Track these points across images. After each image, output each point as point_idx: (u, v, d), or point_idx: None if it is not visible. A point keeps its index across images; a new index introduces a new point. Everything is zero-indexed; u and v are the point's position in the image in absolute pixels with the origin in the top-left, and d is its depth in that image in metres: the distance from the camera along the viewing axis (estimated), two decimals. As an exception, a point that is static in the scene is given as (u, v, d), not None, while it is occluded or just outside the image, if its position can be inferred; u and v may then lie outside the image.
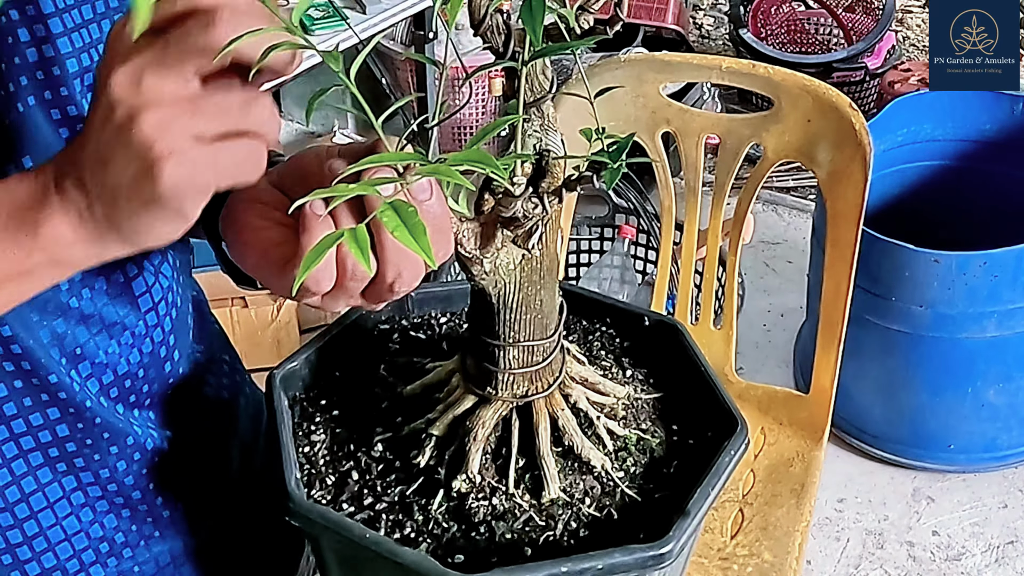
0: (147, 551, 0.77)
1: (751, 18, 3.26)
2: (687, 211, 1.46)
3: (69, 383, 0.67)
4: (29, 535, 0.70)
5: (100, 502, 0.73)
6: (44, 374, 0.65)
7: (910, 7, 3.92)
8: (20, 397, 0.65)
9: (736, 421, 0.68)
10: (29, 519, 0.69)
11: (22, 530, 0.69)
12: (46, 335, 0.66)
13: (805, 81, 1.34)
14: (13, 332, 0.63)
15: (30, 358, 0.64)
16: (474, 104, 2.93)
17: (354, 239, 0.47)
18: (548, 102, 0.60)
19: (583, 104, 0.61)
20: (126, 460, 0.72)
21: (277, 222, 0.58)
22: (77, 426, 0.68)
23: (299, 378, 0.74)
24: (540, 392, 0.68)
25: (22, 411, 0.66)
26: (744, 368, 2.25)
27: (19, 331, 0.63)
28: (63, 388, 0.66)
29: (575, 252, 2.39)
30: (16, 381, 0.65)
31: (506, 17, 0.57)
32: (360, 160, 0.50)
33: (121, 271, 0.70)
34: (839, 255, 1.35)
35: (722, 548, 1.23)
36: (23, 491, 0.68)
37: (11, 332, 0.63)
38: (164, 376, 0.75)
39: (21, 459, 0.67)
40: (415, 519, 0.65)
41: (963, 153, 2.17)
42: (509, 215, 0.60)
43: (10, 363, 0.64)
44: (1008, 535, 1.97)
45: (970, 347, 1.94)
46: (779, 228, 2.82)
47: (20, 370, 0.64)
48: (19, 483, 0.68)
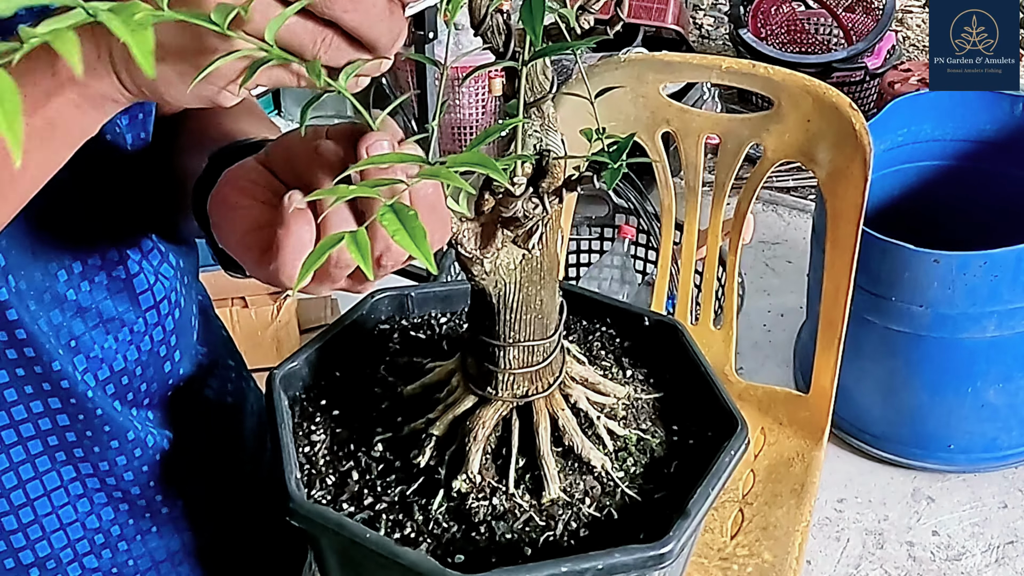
0: (143, 546, 0.77)
1: (751, 18, 3.27)
2: (687, 211, 1.46)
3: (71, 372, 0.67)
4: (24, 522, 0.70)
5: (98, 494, 0.73)
6: (47, 361, 0.65)
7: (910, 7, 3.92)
8: (22, 384, 0.65)
9: (736, 421, 0.69)
10: (25, 506, 0.69)
11: (17, 517, 0.69)
12: (44, 324, 0.65)
13: (805, 81, 1.34)
14: (19, 316, 0.62)
15: (34, 344, 0.64)
16: (474, 104, 2.93)
17: (354, 242, 0.46)
18: (548, 102, 0.60)
19: (583, 104, 0.61)
20: (126, 455, 0.72)
21: (262, 202, 0.56)
22: (78, 417, 0.68)
23: (299, 378, 0.74)
24: (540, 392, 0.68)
25: (23, 398, 0.66)
26: (744, 368, 2.25)
27: (24, 316, 0.63)
28: (65, 377, 0.66)
29: (575, 252, 2.39)
30: (18, 369, 0.65)
31: (506, 17, 0.57)
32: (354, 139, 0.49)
33: (122, 267, 0.69)
34: (839, 255, 1.35)
35: (722, 548, 1.23)
36: (20, 478, 0.68)
37: (17, 316, 0.62)
38: (164, 376, 0.75)
39: (20, 446, 0.67)
40: (415, 519, 0.65)
41: (963, 153, 2.17)
42: (509, 215, 0.60)
43: (13, 350, 0.64)
44: (1008, 535, 1.97)
45: (970, 347, 1.94)
46: (779, 228, 2.82)
47: (23, 357, 0.64)
48: (16, 470, 0.68)
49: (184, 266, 0.76)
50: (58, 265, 0.66)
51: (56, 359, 0.65)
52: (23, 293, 0.63)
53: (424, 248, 0.45)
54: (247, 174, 0.58)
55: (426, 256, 0.45)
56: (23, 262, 0.64)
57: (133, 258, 0.70)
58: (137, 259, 0.71)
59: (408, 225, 0.46)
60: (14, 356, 0.64)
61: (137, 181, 0.71)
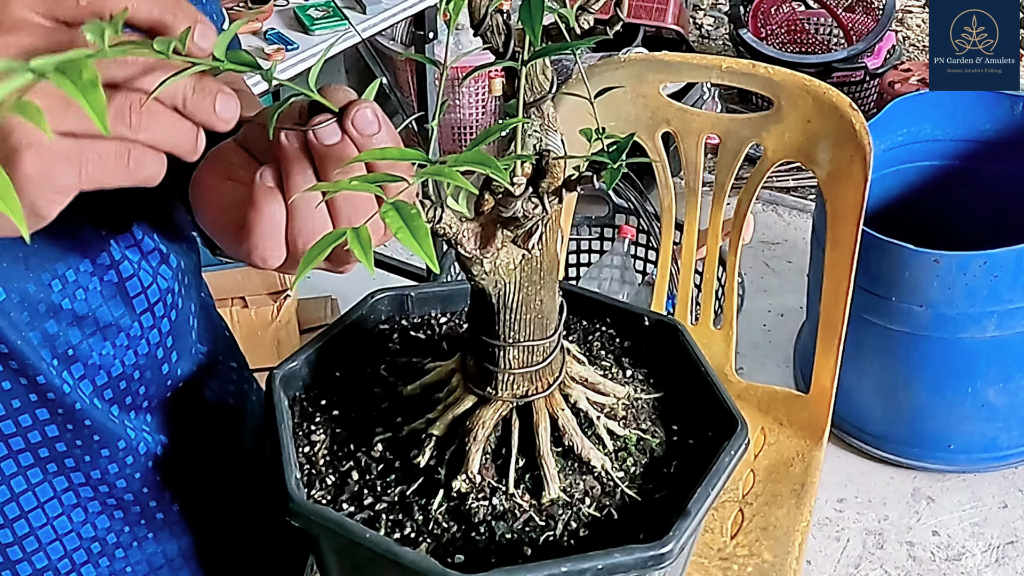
0: (140, 552, 0.76)
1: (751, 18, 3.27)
2: (687, 211, 1.46)
3: (59, 384, 0.66)
4: (20, 535, 0.69)
5: (92, 503, 0.72)
6: (32, 374, 0.64)
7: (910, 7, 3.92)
8: (9, 398, 0.65)
9: (736, 421, 0.68)
10: (19, 519, 0.69)
11: (12, 530, 0.69)
12: (37, 336, 0.65)
13: (805, 81, 1.34)
14: (1, 330, 0.62)
15: (18, 358, 0.63)
16: (474, 104, 2.93)
17: (356, 239, 0.46)
18: (548, 102, 0.60)
19: (583, 104, 0.61)
20: (118, 463, 0.72)
21: (239, 182, 0.56)
22: (67, 427, 0.68)
23: (299, 378, 0.74)
24: (540, 392, 0.68)
25: (10, 412, 0.65)
26: (744, 368, 2.25)
27: (7, 331, 0.62)
28: (52, 389, 0.66)
29: (575, 252, 2.39)
30: (4, 382, 0.64)
31: (506, 17, 0.57)
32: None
33: (114, 271, 0.69)
34: (839, 255, 1.35)
35: (722, 548, 1.23)
36: (13, 491, 0.68)
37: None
38: (162, 378, 0.75)
39: (11, 459, 0.67)
40: (415, 519, 0.65)
41: (963, 153, 2.17)
42: (509, 215, 0.59)
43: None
44: (1008, 535, 1.97)
45: (970, 347, 1.94)
46: (779, 228, 2.82)
47: (8, 370, 0.64)
48: (8, 483, 0.67)
49: (184, 266, 0.76)
50: (51, 275, 0.65)
51: (43, 372, 0.65)
52: (13, 305, 0.63)
53: (427, 246, 0.45)
54: (224, 154, 0.58)
55: (428, 255, 0.45)
56: (15, 274, 0.63)
57: (128, 260, 0.70)
58: (136, 260, 0.70)
59: (411, 223, 0.46)
60: (0, 369, 0.63)
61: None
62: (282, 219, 0.52)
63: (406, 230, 0.46)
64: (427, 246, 0.45)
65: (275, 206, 0.52)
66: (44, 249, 0.65)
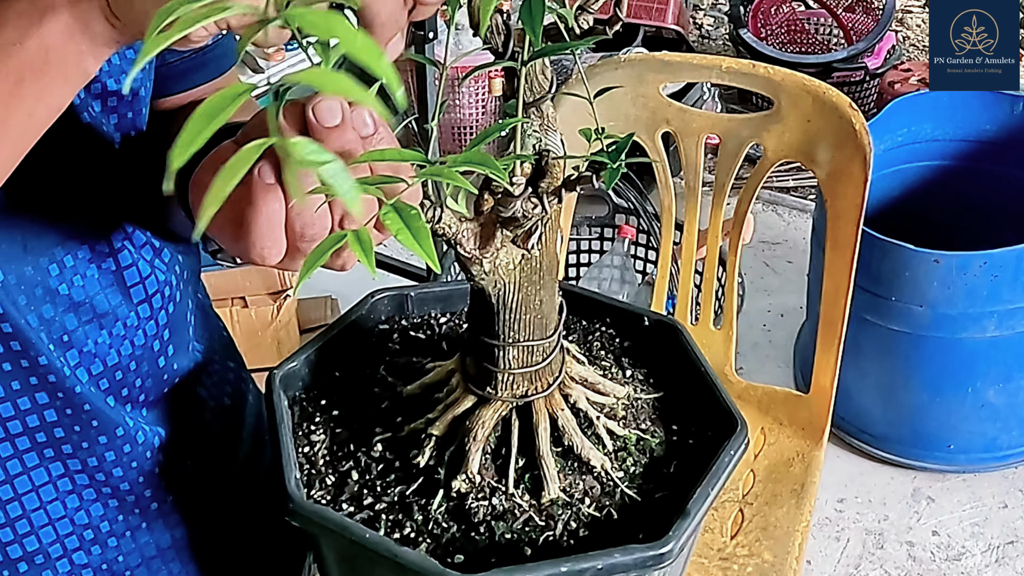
0: (133, 542, 0.76)
1: (751, 18, 3.26)
2: (687, 211, 1.46)
3: (59, 367, 0.66)
4: (12, 517, 0.69)
5: (87, 490, 0.72)
6: (34, 355, 0.64)
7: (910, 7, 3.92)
8: (8, 380, 0.65)
9: (736, 421, 0.69)
10: (12, 501, 0.69)
11: (5, 512, 0.69)
12: (34, 319, 0.65)
13: (805, 81, 1.34)
14: (4, 310, 0.62)
15: (21, 338, 0.63)
16: (474, 104, 2.93)
17: (357, 241, 0.46)
18: (548, 102, 0.60)
19: (583, 104, 0.61)
20: (115, 451, 0.72)
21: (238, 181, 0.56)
22: (66, 412, 0.68)
23: (299, 378, 0.74)
24: (540, 392, 0.68)
25: (9, 394, 0.65)
26: (744, 368, 2.25)
27: (10, 310, 0.62)
28: (53, 371, 0.66)
29: (575, 252, 2.39)
30: (5, 363, 0.64)
31: (506, 17, 0.57)
32: None
33: (112, 259, 0.69)
34: (839, 255, 1.35)
35: (722, 548, 1.23)
36: (8, 473, 0.68)
37: (2, 310, 0.62)
38: (158, 372, 0.75)
39: (7, 442, 0.67)
40: (415, 519, 0.65)
41: (963, 153, 2.17)
42: (509, 215, 0.60)
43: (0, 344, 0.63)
44: (1008, 535, 1.97)
45: (970, 347, 1.94)
46: (779, 228, 2.82)
47: (9, 351, 0.64)
48: (4, 465, 0.68)
49: (182, 262, 0.76)
50: (49, 260, 0.65)
51: (44, 353, 0.65)
52: (12, 287, 0.63)
53: (428, 247, 0.45)
54: (224, 154, 0.57)
55: (429, 255, 0.45)
56: (13, 256, 0.63)
57: (127, 250, 0.70)
58: (132, 250, 0.70)
59: (411, 225, 0.46)
60: (1, 351, 0.64)
61: (129, 173, 0.70)
62: (281, 216, 0.52)
63: (406, 231, 0.46)
64: (428, 246, 0.45)
65: (274, 203, 0.52)
66: (43, 234, 0.65)
